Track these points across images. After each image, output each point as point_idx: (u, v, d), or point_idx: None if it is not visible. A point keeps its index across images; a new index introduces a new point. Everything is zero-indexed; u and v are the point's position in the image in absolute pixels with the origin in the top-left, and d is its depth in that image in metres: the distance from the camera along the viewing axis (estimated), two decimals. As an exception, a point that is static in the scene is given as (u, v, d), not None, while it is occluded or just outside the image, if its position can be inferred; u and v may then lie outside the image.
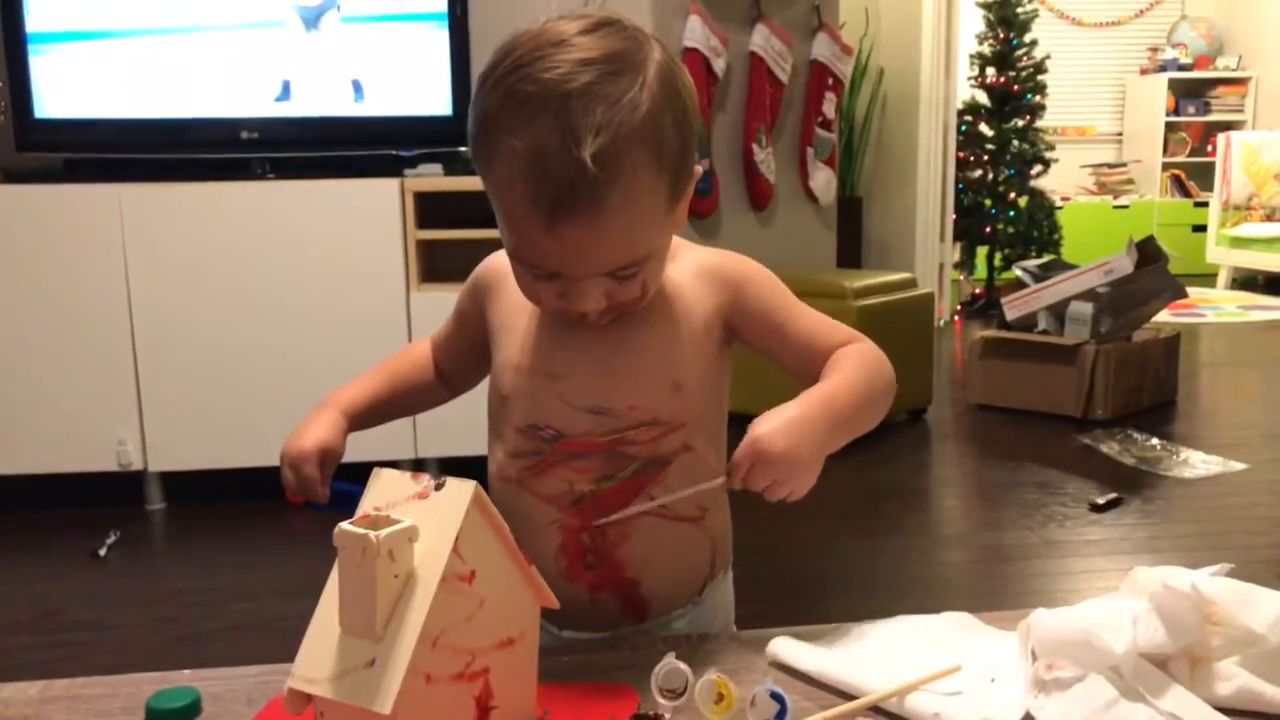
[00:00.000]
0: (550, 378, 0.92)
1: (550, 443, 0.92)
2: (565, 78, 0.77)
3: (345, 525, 0.61)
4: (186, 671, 0.81)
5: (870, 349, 0.93)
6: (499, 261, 0.99)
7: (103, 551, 2.65)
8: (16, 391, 2.87)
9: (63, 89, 2.88)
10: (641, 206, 0.81)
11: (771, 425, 0.81)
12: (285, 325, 2.92)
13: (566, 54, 0.79)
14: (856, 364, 0.90)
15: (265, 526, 2.86)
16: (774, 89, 3.95)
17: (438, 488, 0.64)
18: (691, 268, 0.95)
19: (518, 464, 0.94)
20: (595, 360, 0.91)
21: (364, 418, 1.11)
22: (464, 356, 1.06)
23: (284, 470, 1.06)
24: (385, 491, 0.66)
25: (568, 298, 0.85)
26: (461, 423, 2.94)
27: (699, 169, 0.89)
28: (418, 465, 2.98)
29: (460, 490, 0.63)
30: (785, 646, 0.80)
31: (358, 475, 2.73)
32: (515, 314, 0.96)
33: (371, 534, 0.59)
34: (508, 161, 0.80)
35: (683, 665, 0.73)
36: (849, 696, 0.74)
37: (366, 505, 0.65)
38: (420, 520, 0.62)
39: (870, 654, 0.79)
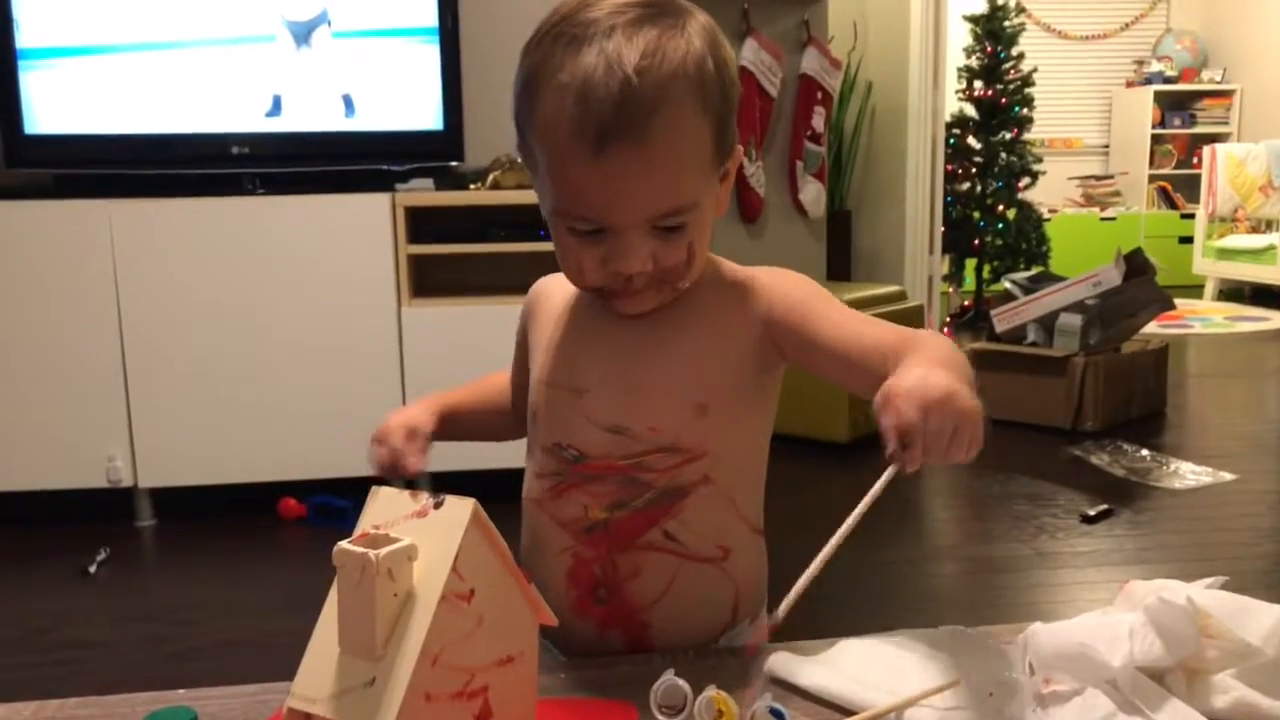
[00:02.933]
0: (575, 393, 0.90)
1: (571, 464, 0.90)
2: (610, 17, 0.79)
3: (344, 544, 0.61)
4: (181, 691, 0.80)
5: (940, 337, 0.84)
6: (543, 282, 1.00)
7: (93, 568, 2.63)
8: (6, 407, 2.86)
9: (53, 105, 2.87)
10: (686, 142, 0.80)
11: (910, 375, 0.70)
12: (276, 341, 2.91)
13: (611, 3, 0.80)
14: (935, 343, 0.80)
15: (256, 543, 2.84)
16: (763, 102, 3.96)
17: (436, 506, 0.64)
18: (726, 281, 0.92)
19: (541, 484, 0.93)
20: (618, 375, 0.89)
21: (454, 417, 1.07)
22: (522, 388, 1.02)
23: (373, 448, 0.98)
24: (384, 510, 0.65)
25: (612, 258, 0.82)
26: (453, 437, 2.95)
27: (740, 151, 0.88)
28: (410, 480, 2.97)
29: (459, 508, 0.63)
30: (783, 662, 0.80)
31: (351, 491, 2.72)
32: (548, 328, 0.95)
33: (371, 553, 0.59)
34: (554, 98, 0.79)
35: (682, 682, 0.73)
36: (847, 712, 0.74)
37: (365, 523, 0.65)
38: (419, 539, 0.62)
39: (868, 669, 0.79)
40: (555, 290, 0.99)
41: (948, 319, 5.92)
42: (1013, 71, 5.98)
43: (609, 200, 0.80)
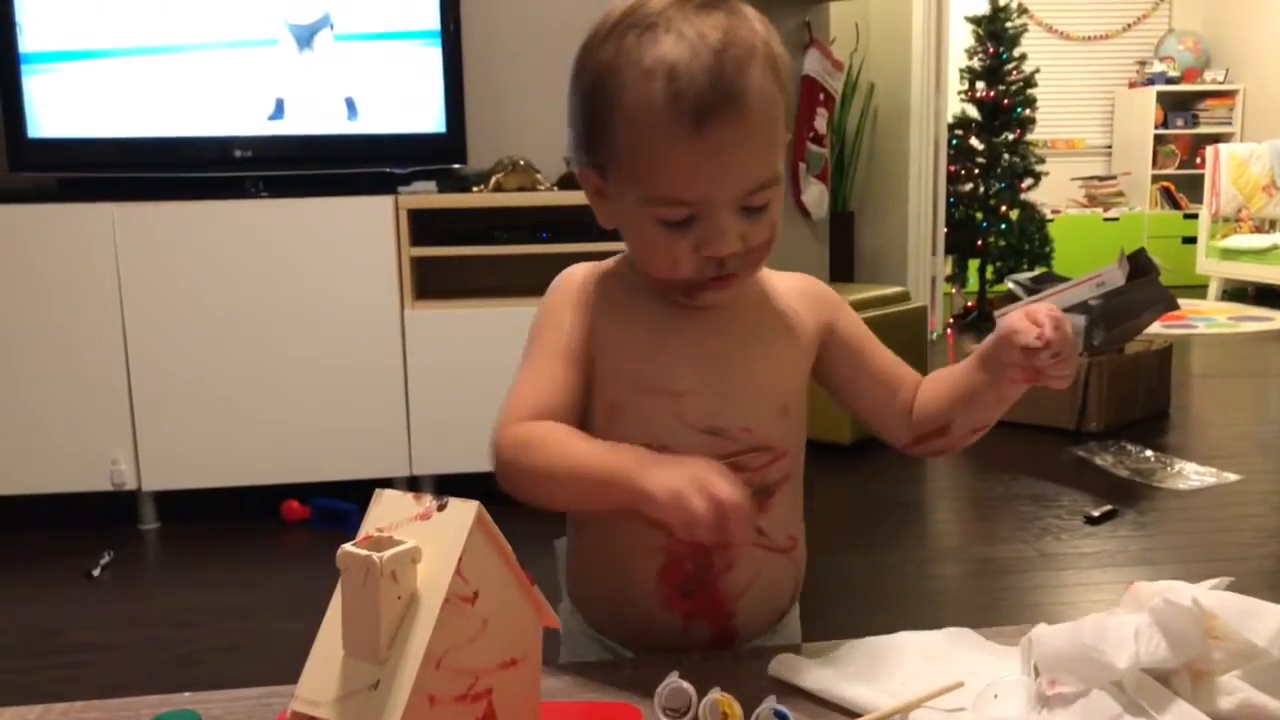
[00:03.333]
0: (671, 396, 0.89)
1: None
2: (673, 8, 0.81)
3: (348, 547, 0.61)
4: (186, 694, 0.80)
5: None
6: (582, 274, 0.94)
7: (96, 572, 2.64)
8: (9, 411, 2.86)
9: (56, 109, 2.88)
10: (768, 115, 0.82)
11: (1025, 312, 0.84)
12: (279, 343, 2.92)
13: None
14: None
15: (260, 545, 2.85)
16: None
17: (440, 508, 0.64)
18: (788, 288, 0.95)
19: None
20: (712, 378, 0.90)
21: None
22: (570, 388, 0.90)
23: (690, 499, 0.73)
24: (387, 512, 0.65)
25: (706, 243, 0.82)
26: (456, 439, 2.96)
27: (809, 150, 0.90)
28: (413, 483, 2.98)
29: (463, 511, 0.63)
30: (787, 664, 0.80)
31: (355, 493, 2.72)
32: (627, 327, 0.91)
33: (375, 555, 0.59)
34: (641, 84, 0.80)
35: (686, 684, 0.73)
36: (852, 714, 0.74)
37: (369, 526, 0.65)
38: (423, 541, 0.62)
39: (872, 671, 0.79)
40: (613, 284, 0.93)
41: (950, 320, 5.92)
42: (1015, 72, 5.98)
43: (712, 175, 0.81)
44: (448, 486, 2.96)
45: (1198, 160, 7.46)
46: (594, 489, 0.81)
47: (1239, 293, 7.01)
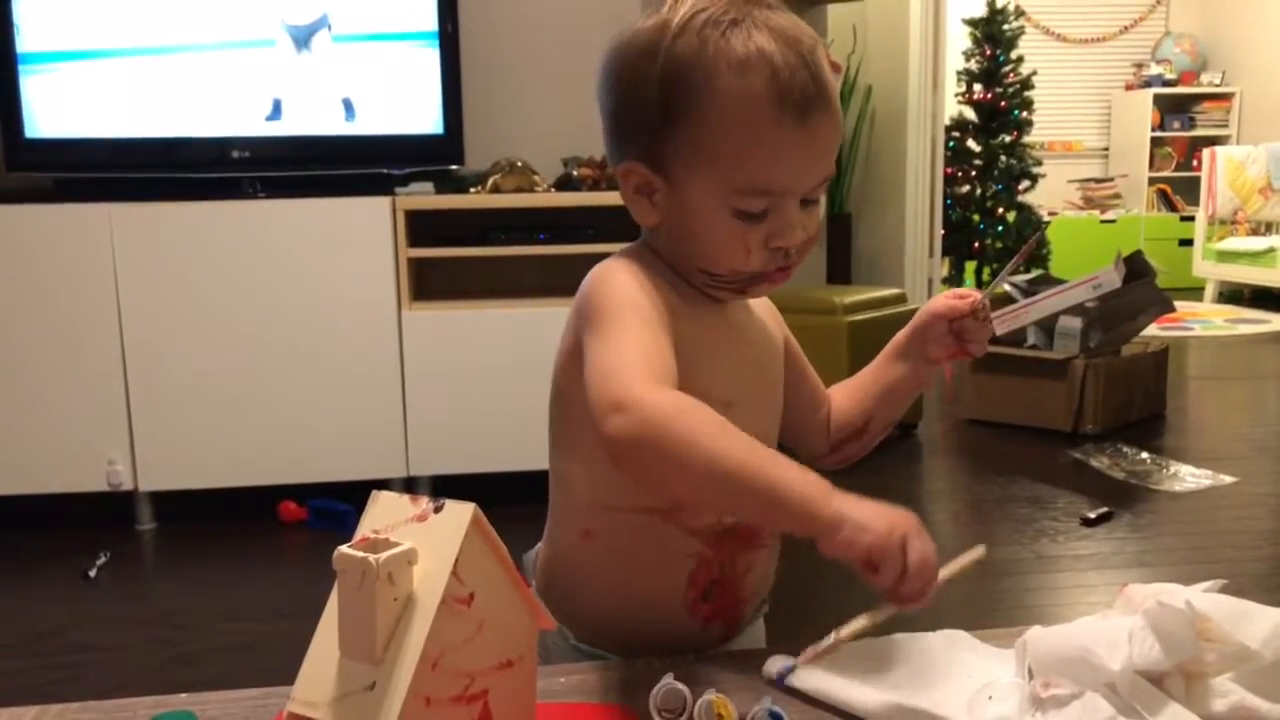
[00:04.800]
0: (723, 405, 0.79)
1: None
2: (738, 7, 0.84)
3: (345, 548, 0.61)
4: (183, 695, 0.80)
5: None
6: (629, 264, 0.88)
7: (93, 572, 2.64)
8: (6, 411, 2.86)
9: (53, 109, 2.88)
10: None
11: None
12: (276, 344, 2.92)
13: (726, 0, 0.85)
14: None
15: (256, 546, 2.85)
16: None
17: (436, 510, 0.64)
18: (756, 301, 0.98)
19: None
20: (758, 386, 0.95)
21: None
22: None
23: (895, 551, 0.74)
24: (384, 514, 0.65)
25: (777, 234, 0.86)
26: (453, 441, 2.96)
27: None
28: (409, 484, 2.98)
29: (459, 513, 0.63)
30: (782, 665, 0.80)
31: (351, 494, 2.72)
32: (690, 335, 0.87)
33: (371, 557, 0.59)
34: (738, 77, 0.82)
35: (681, 685, 0.73)
36: (848, 716, 0.74)
37: (365, 528, 0.65)
38: (419, 543, 0.62)
39: (867, 672, 0.79)
40: (650, 277, 0.88)
41: (948, 322, 5.91)
42: (1012, 75, 5.99)
43: (804, 166, 0.85)
44: (444, 487, 2.96)
45: (1194, 163, 7.47)
46: (753, 497, 0.74)
47: (1235, 295, 7.02)
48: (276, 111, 2.98)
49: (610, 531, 0.92)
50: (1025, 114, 6.01)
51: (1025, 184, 6.01)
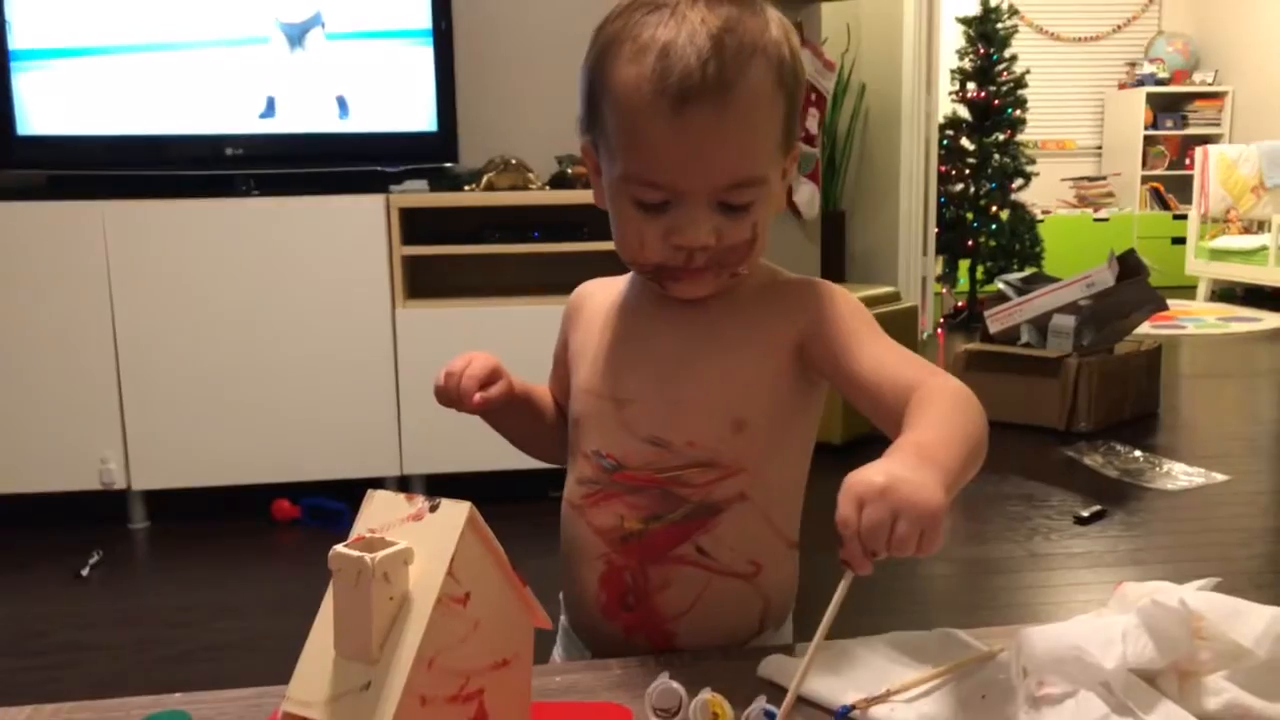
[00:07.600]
0: (617, 403, 0.90)
1: (610, 473, 0.90)
2: None
3: (340, 548, 0.61)
4: (177, 695, 0.80)
5: (956, 387, 0.81)
6: (585, 287, 1.00)
7: (85, 571, 2.63)
8: (-2, 410, 2.85)
9: (46, 106, 2.87)
10: (761, 114, 0.80)
11: (861, 471, 0.68)
12: (270, 342, 2.91)
13: None
14: (946, 406, 0.78)
15: (249, 545, 2.84)
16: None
17: (432, 509, 0.64)
18: (777, 290, 0.91)
19: (582, 490, 0.92)
20: (659, 387, 0.89)
21: (523, 397, 1.00)
22: (563, 394, 1.01)
23: (440, 379, 0.93)
24: (379, 513, 0.65)
25: (676, 231, 0.82)
26: (447, 439, 2.95)
27: (799, 150, 0.88)
28: (403, 482, 2.97)
29: (454, 512, 0.63)
30: (778, 665, 0.80)
31: (345, 492, 2.71)
32: (591, 335, 0.95)
33: (367, 556, 0.59)
34: (634, 59, 0.79)
35: (676, 685, 0.73)
36: (843, 715, 0.74)
37: (360, 527, 0.65)
38: (415, 542, 0.62)
39: (860, 672, 0.79)
40: (597, 295, 0.98)
41: (941, 320, 5.93)
42: (1005, 73, 6.00)
43: (684, 161, 0.79)
44: (439, 486, 2.96)
45: (1187, 161, 7.49)
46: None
47: (1228, 293, 7.04)
48: (270, 109, 2.97)
49: (562, 527, 0.96)
50: (1019, 112, 6.02)
51: (1019, 182, 6.01)
